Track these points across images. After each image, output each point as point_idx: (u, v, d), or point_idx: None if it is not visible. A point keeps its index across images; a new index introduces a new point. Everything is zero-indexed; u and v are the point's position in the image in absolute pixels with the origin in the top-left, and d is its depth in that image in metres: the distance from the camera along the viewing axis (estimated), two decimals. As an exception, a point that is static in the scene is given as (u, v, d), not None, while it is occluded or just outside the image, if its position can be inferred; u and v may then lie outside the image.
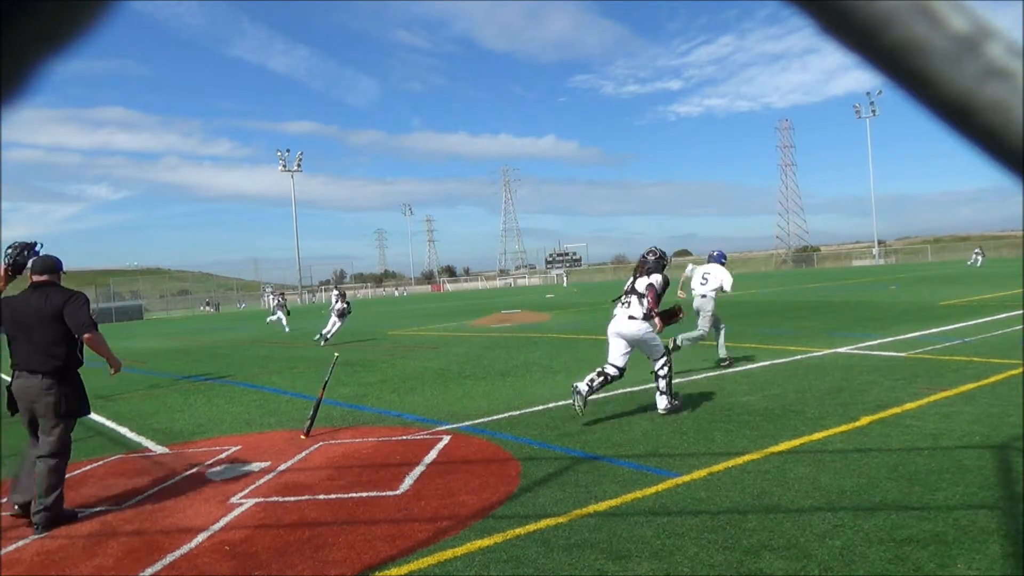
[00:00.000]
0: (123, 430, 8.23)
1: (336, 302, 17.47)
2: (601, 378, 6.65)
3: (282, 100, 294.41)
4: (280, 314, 24.11)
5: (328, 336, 17.11)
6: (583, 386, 6.56)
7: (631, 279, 7.03)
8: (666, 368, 6.76)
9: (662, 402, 6.78)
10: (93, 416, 9.52)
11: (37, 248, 5.22)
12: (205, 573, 3.89)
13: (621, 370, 6.74)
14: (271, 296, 24.90)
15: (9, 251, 5.19)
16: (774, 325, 15.22)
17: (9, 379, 5.03)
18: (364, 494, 5.08)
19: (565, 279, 74.89)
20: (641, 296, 6.73)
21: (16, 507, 5.00)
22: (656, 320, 6.77)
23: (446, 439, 6.52)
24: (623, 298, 6.92)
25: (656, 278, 6.79)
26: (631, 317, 6.72)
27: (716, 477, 4.88)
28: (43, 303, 4.90)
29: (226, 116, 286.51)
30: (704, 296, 9.51)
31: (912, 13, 0.32)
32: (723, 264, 9.82)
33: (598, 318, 20.95)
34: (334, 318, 17.28)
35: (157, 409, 9.63)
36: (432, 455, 5.98)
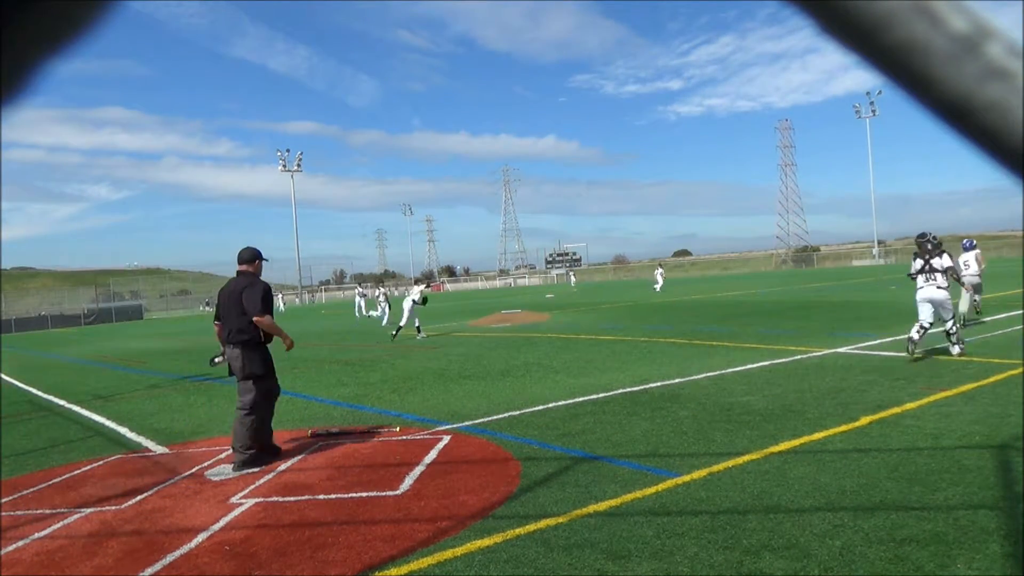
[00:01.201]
0: (123, 430, 8.23)
1: (411, 295, 18.14)
2: (922, 332, 9.16)
3: (282, 100, 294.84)
4: (385, 307, 24.65)
5: (401, 324, 17.71)
6: (914, 338, 9.12)
7: (922, 260, 9.40)
8: (956, 326, 9.26)
9: (955, 349, 9.20)
10: (93, 416, 9.54)
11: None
12: (205, 573, 3.89)
13: (931, 324, 9.25)
14: (378, 292, 25.70)
15: None
16: (774, 325, 15.22)
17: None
18: (364, 494, 5.08)
19: (571, 278, 73.79)
20: (943, 273, 9.24)
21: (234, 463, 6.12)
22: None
23: (446, 439, 6.52)
24: (927, 275, 9.30)
25: (948, 261, 9.33)
26: (939, 287, 9.21)
27: (716, 477, 4.87)
28: (236, 288, 6.16)
29: (226, 116, 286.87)
30: (973, 274, 13.43)
31: (912, 13, 0.32)
32: (975, 249, 13.94)
33: (598, 318, 20.95)
34: (409, 307, 17.82)
35: (157, 409, 9.64)
36: (432, 455, 5.98)
